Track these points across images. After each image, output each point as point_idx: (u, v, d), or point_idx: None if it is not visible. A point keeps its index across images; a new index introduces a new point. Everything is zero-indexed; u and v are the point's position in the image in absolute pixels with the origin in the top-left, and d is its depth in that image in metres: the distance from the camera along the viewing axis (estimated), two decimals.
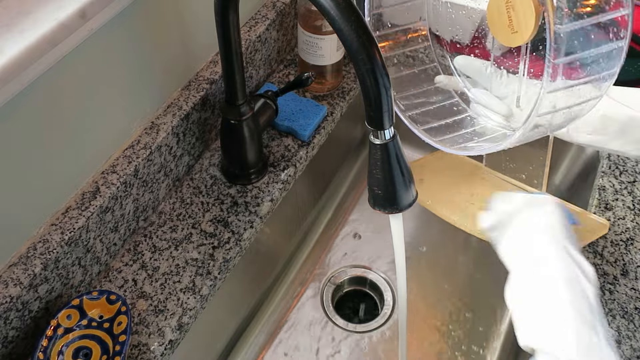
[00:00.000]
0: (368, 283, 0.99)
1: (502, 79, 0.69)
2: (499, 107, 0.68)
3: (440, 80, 0.74)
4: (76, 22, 0.57)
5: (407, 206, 0.58)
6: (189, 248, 0.77)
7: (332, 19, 0.49)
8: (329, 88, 0.95)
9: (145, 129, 0.77)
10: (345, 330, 0.93)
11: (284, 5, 0.93)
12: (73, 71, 0.63)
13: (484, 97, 0.70)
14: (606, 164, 0.86)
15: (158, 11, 0.72)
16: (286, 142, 0.89)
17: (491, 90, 0.70)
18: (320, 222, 1.05)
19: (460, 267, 1.00)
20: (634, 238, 0.78)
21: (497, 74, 0.69)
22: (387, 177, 0.56)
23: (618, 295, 0.73)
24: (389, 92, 0.51)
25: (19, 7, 0.55)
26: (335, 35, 0.82)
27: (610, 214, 0.81)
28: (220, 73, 0.84)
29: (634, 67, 0.94)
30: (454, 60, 0.72)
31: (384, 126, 0.53)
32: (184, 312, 0.72)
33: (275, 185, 0.84)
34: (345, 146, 1.10)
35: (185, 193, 0.83)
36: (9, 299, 0.61)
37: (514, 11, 0.57)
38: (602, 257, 0.77)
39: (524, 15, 0.56)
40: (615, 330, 0.70)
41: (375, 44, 0.50)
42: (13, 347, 0.64)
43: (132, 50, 0.70)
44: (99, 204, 0.69)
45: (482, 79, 0.70)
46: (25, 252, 0.64)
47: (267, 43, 0.92)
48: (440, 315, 0.94)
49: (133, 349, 0.69)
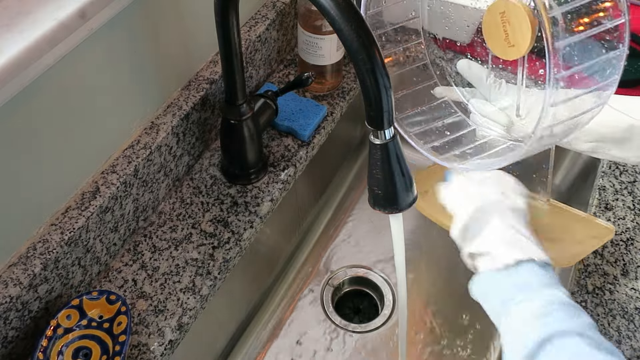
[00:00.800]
0: (368, 283, 0.99)
1: (500, 89, 0.68)
2: (499, 117, 0.68)
3: (439, 92, 0.73)
4: (76, 22, 0.57)
5: (407, 206, 0.58)
6: (189, 248, 0.77)
7: (332, 19, 0.49)
8: (329, 88, 0.95)
9: (145, 128, 0.77)
10: (345, 330, 0.92)
11: (284, 5, 0.93)
12: (73, 71, 0.63)
13: (483, 107, 0.69)
14: (606, 164, 0.86)
15: (158, 11, 0.72)
16: (286, 142, 0.89)
17: (490, 100, 0.70)
18: (320, 222, 1.05)
19: (460, 267, 1.00)
20: (634, 238, 0.78)
21: (496, 83, 0.69)
22: (387, 177, 0.56)
23: (618, 295, 0.73)
24: (389, 92, 0.51)
25: (19, 7, 0.55)
26: (335, 35, 0.82)
27: (611, 214, 0.81)
28: (220, 73, 0.84)
29: (634, 67, 0.94)
30: (457, 64, 0.72)
31: (384, 126, 0.53)
32: (184, 312, 0.72)
33: (275, 185, 0.84)
34: (345, 146, 1.10)
35: (185, 193, 0.83)
36: (9, 299, 0.61)
37: (509, 25, 0.57)
38: (602, 257, 0.77)
39: (519, 29, 0.56)
40: (615, 330, 0.70)
41: (376, 44, 0.49)
42: (13, 347, 0.64)
43: (132, 50, 0.70)
44: (98, 204, 0.69)
45: (482, 88, 0.70)
46: (25, 252, 0.64)
47: (267, 43, 0.92)
48: (440, 315, 0.94)
49: (133, 349, 0.68)
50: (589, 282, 0.74)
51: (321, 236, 1.03)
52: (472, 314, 0.94)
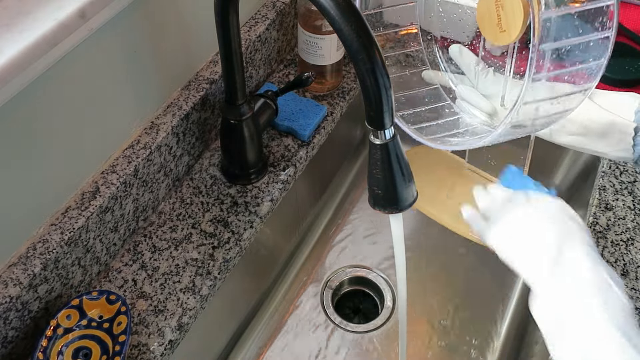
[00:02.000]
0: (368, 283, 0.99)
1: (488, 77, 0.69)
2: (484, 105, 0.69)
3: (429, 76, 0.74)
4: (76, 22, 0.57)
5: (407, 206, 0.58)
6: (189, 248, 0.77)
7: (332, 19, 0.49)
8: (329, 88, 0.95)
9: (145, 128, 0.77)
10: (345, 330, 0.92)
11: (284, 5, 0.93)
12: (73, 71, 0.63)
13: (469, 94, 0.70)
14: (606, 164, 0.86)
15: (158, 11, 0.72)
16: (286, 142, 0.89)
17: (477, 87, 0.70)
18: (320, 222, 1.05)
19: (460, 267, 1.00)
20: (634, 238, 0.78)
21: (484, 72, 0.69)
22: (387, 177, 0.56)
23: None
24: (389, 92, 0.51)
25: (19, 7, 0.55)
26: (335, 35, 0.82)
27: (611, 214, 0.81)
28: (220, 73, 0.84)
29: (634, 67, 0.94)
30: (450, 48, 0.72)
31: (384, 126, 0.53)
32: (183, 312, 0.72)
33: (275, 185, 0.84)
34: (345, 146, 1.10)
35: (185, 193, 0.83)
36: (9, 299, 0.61)
37: (502, 10, 0.57)
38: (602, 257, 0.77)
39: (512, 14, 0.56)
40: None
41: (376, 44, 0.49)
42: (13, 347, 0.64)
43: (132, 50, 0.70)
44: (98, 204, 0.69)
45: (470, 74, 0.71)
46: (25, 252, 0.64)
47: (267, 43, 0.92)
48: (440, 315, 0.94)
49: (133, 349, 0.68)
50: None
51: (321, 236, 1.03)
52: (473, 313, 0.94)
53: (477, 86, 0.70)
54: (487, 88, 0.69)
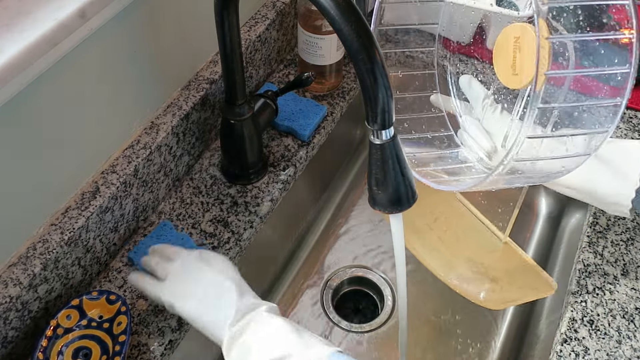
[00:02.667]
0: (368, 283, 0.99)
1: (495, 113, 0.67)
2: (485, 143, 0.67)
3: (435, 100, 0.73)
4: (76, 22, 0.57)
5: (407, 206, 0.58)
6: None
7: (332, 19, 0.49)
8: (329, 88, 0.95)
9: (145, 128, 0.77)
10: (345, 330, 0.92)
11: (284, 5, 0.93)
12: (73, 71, 0.63)
13: (473, 127, 0.68)
14: None
15: (158, 11, 0.72)
16: (286, 142, 0.89)
17: (482, 122, 0.68)
18: (320, 222, 1.05)
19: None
20: (634, 238, 0.78)
21: (492, 107, 0.67)
22: (387, 177, 0.56)
23: (618, 295, 0.73)
24: (389, 92, 0.51)
25: (19, 7, 0.55)
26: (335, 35, 0.82)
27: (611, 214, 0.80)
28: (220, 73, 0.84)
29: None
30: (460, 79, 0.70)
31: (384, 126, 0.53)
32: None
33: (275, 185, 0.84)
34: (345, 146, 1.10)
35: (185, 193, 0.83)
36: (9, 299, 0.61)
37: (520, 53, 0.55)
38: (602, 257, 0.77)
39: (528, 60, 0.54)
40: (615, 330, 0.70)
41: (376, 44, 0.49)
42: (13, 347, 0.64)
43: (132, 50, 0.70)
44: (98, 204, 0.69)
45: (477, 107, 0.69)
46: (25, 252, 0.64)
47: (267, 43, 0.92)
48: (440, 314, 0.94)
49: (133, 349, 0.68)
50: (589, 282, 0.74)
51: (321, 236, 1.03)
52: (473, 313, 0.94)
53: (483, 121, 0.68)
54: (492, 125, 0.67)
